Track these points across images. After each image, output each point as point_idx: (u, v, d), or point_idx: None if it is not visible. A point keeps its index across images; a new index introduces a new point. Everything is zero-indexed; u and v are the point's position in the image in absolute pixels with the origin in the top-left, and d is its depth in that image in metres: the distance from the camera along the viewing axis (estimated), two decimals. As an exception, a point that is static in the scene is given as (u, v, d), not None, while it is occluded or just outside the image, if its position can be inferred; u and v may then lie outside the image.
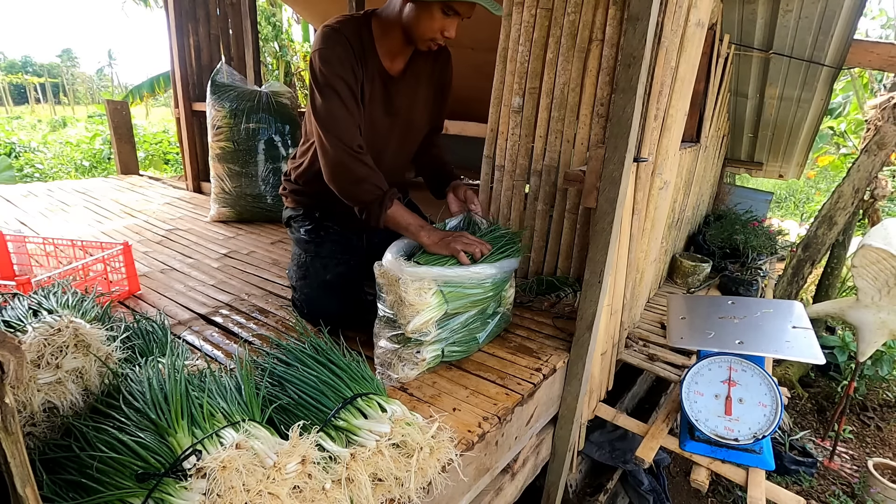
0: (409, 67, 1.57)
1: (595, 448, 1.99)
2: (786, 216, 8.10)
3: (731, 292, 2.80)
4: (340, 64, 1.40)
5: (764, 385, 1.50)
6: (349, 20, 1.46)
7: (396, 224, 1.45)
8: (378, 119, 1.56)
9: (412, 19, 1.39)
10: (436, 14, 1.36)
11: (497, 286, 1.48)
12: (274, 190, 3.05)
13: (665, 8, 1.50)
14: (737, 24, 2.93)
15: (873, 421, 3.10)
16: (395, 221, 1.44)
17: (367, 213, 1.44)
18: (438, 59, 1.64)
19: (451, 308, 1.37)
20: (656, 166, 1.79)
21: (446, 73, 1.69)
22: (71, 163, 8.08)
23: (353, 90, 1.43)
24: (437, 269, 1.33)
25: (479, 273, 1.39)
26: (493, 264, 1.43)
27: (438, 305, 1.33)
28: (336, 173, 1.44)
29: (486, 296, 1.46)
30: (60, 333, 0.96)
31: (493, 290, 1.47)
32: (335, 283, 1.64)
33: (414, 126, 1.68)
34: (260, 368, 1.15)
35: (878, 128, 2.91)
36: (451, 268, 1.36)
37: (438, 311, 1.33)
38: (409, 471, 0.95)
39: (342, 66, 1.40)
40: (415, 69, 1.58)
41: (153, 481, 0.78)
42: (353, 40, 1.43)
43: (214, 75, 3.01)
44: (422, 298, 1.29)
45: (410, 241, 1.47)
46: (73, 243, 1.99)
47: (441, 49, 1.61)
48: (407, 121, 1.63)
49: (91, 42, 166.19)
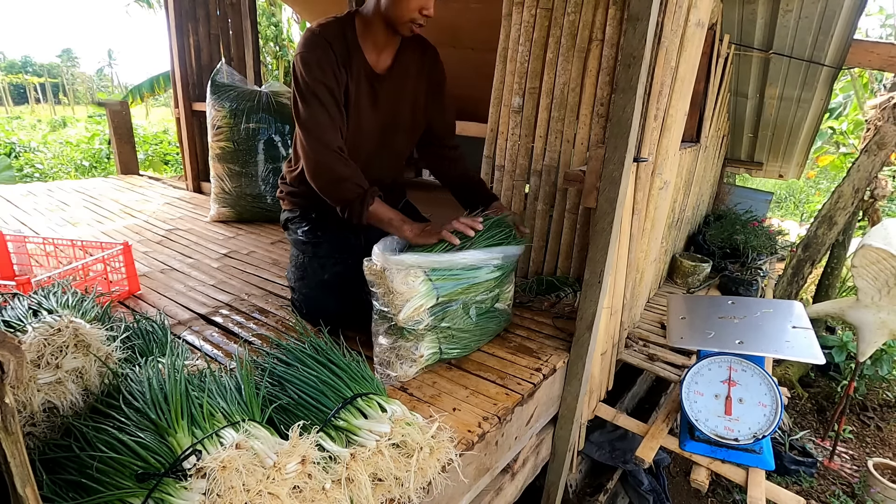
0: (397, 62, 1.58)
1: (595, 448, 1.99)
2: (786, 216, 8.10)
3: (731, 292, 2.80)
4: (320, 68, 1.42)
5: (764, 385, 1.50)
6: (332, 22, 1.49)
7: (379, 220, 1.46)
8: (364, 117, 1.56)
9: (389, 4, 1.42)
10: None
11: (491, 273, 1.48)
12: (274, 189, 3.05)
13: (665, 8, 1.50)
14: (737, 24, 2.93)
15: (873, 421, 3.10)
16: (378, 217, 1.46)
17: (350, 211, 1.45)
18: (426, 53, 1.66)
19: (443, 294, 1.36)
20: (656, 166, 1.79)
21: (437, 69, 1.69)
22: (71, 163, 8.08)
23: (335, 93, 1.45)
24: (422, 255, 1.33)
25: (467, 259, 1.38)
26: (482, 250, 1.42)
27: (428, 292, 1.33)
28: (317, 173, 1.46)
29: (480, 282, 1.45)
30: (60, 333, 0.96)
31: (488, 276, 1.47)
32: (333, 283, 1.64)
33: (403, 123, 1.67)
34: (260, 368, 1.15)
35: (878, 128, 2.91)
36: (439, 254, 1.35)
37: (428, 297, 1.33)
38: (409, 471, 0.95)
39: (322, 70, 1.42)
40: (402, 64, 1.59)
41: (153, 481, 0.78)
42: (335, 42, 1.45)
43: (214, 75, 3.01)
44: (409, 286, 1.29)
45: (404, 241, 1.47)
46: (73, 243, 1.99)
47: (429, 45, 1.65)
48: (394, 117, 1.63)
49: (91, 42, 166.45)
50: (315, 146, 1.43)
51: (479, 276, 1.45)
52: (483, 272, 1.45)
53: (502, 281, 1.57)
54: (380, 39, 1.51)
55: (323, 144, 1.43)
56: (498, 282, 1.54)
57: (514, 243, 1.54)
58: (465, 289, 1.42)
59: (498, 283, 1.55)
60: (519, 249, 1.56)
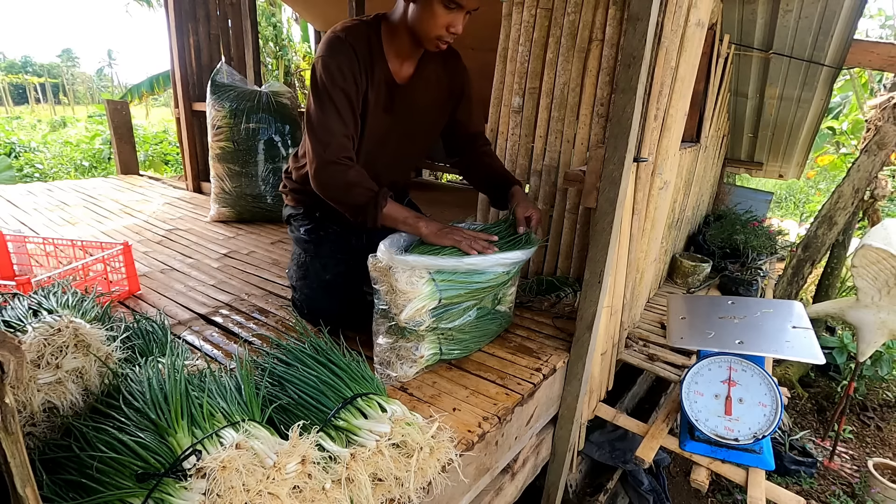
0: (418, 73, 1.55)
1: (595, 448, 1.99)
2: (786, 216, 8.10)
3: (731, 292, 2.80)
4: (341, 74, 1.39)
5: (764, 385, 1.50)
6: (357, 26, 1.45)
7: (394, 220, 1.44)
8: (380, 124, 1.55)
9: (416, 19, 1.38)
10: (437, 10, 1.34)
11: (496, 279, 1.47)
12: (274, 190, 3.05)
13: (665, 8, 1.50)
14: (737, 24, 2.93)
15: (873, 421, 3.10)
16: (393, 218, 1.44)
17: (364, 215, 1.43)
18: (448, 62, 1.62)
19: (445, 297, 1.36)
20: (656, 166, 1.79)
21: (459, 75, 1.66)
22: (71, 163, 8.08)
23: (352, 100, 1.42)
24: (429, 258, 1.33)
25: (476, 263, 1.38)
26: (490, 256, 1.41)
27: (430, 294, 1.33)
28: (324, 183, 1.44)
29: (483, 286, 1.45)
30: (60, 333, 0.96)
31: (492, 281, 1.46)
32: (335, 283, 1.64)
33: (418, 132, 1.66)
34: (260, 368, 1.15)
35: (878, 128, 2.91)
36: (445, 258, 1.35)
37: (431, 299, 1.33)
38: (409, 471, 0.95)
39: (343, 76, 1.39)
40: (424, 74, 1.57)
41: (153, 481, 0.78)
42: (359, 47, 1.42)
43: (214, 75, 3.01)
44: (413, 287, 1.29)
45: (405, 235, 1.46)
46: (73, 243, 1.99)
47: (450, 52, 1.60)
48: (409, 126, 1.62)
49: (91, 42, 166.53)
50: (321, 153, 1.40)
51: (483, 281, 1.44)
52: (487, 276, 1.44)
53: (506, 284, 1.57)
54: (404, 50, 1.48)
55: (330, 152, 1.40)
56: (501, 286, 1.53)
57: (525, 247, 1.51)
58: (468, 292, 1.42)
59: (501, 287, 1.54)
60: (528, 254, 1.53)
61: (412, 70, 1.55)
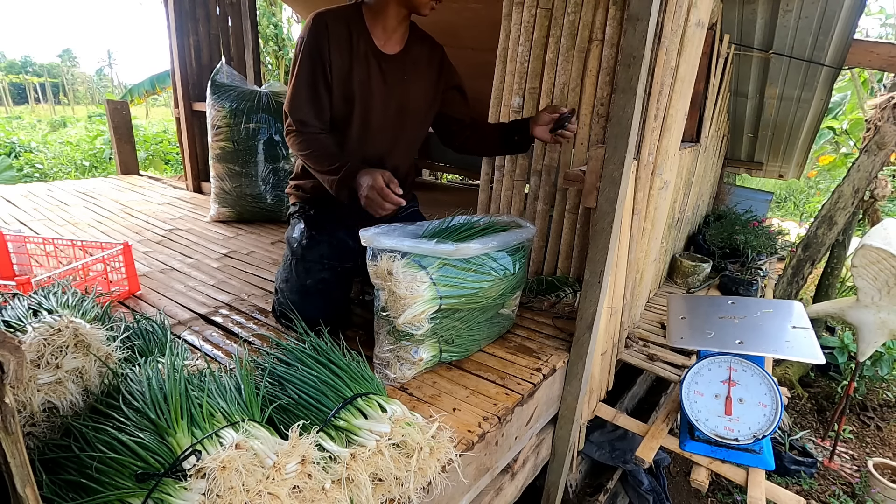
0: (406, 51, 1.60)
1: (595, 448, 1.99)
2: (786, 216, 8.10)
3: (731, 292, 2.80)
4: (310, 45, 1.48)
5: (764, 385, 1.50)
6: (336, 8, 1.52)
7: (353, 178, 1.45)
8: (377, 96, 1.57)
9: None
10: None
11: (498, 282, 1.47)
12: (274, 190, 3.05)
13: (665, 8, 1.50)
14: (737, 24, 2.93)
15: (873, 421, 3.10)
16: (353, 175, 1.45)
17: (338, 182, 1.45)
18: (435, 49, 1.68)
19: (446, 303, 1.35)
20: (656, 166, 1.79)
21: (447, 64, 1.72)
22: (71, 163, 8.08)
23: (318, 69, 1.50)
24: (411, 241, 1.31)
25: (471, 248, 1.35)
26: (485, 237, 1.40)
27: (431, 298, 1.32)
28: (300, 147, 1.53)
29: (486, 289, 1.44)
30: (60, 333, 0.96)
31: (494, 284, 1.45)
32: (314, 290, 1.61)
33: (415, 109, 1.66)
34: (260, 368, 1.15)
35: (878, 128, 2.91)
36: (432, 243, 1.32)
37: (431, 304, 1.32)
38: (409, 471, 0.95)
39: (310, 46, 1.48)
40: (412, 53, 1.62)
41: (153, 481, 0.78)
42: (334, 23, 1.49)
43: (214, 75, 3.01)
44: (413, 291, 1.28)
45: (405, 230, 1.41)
46: (73, 243, 1.99)
47: (435, 44, 1.68)
48: (405, 100, 1.62)
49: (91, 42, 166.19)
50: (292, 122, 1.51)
51: (485, 284, 1.43)
52: (489, 279, 1.43)
53: (513, 287, 1.55)
54: (389, 24, 1.54)
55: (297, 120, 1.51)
56: (504, 290, 1.52)
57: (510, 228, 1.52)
58: (469, 297, 1.41)
59: (505, 291, 1.53)
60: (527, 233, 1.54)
61: (399, 47, 1.60)
